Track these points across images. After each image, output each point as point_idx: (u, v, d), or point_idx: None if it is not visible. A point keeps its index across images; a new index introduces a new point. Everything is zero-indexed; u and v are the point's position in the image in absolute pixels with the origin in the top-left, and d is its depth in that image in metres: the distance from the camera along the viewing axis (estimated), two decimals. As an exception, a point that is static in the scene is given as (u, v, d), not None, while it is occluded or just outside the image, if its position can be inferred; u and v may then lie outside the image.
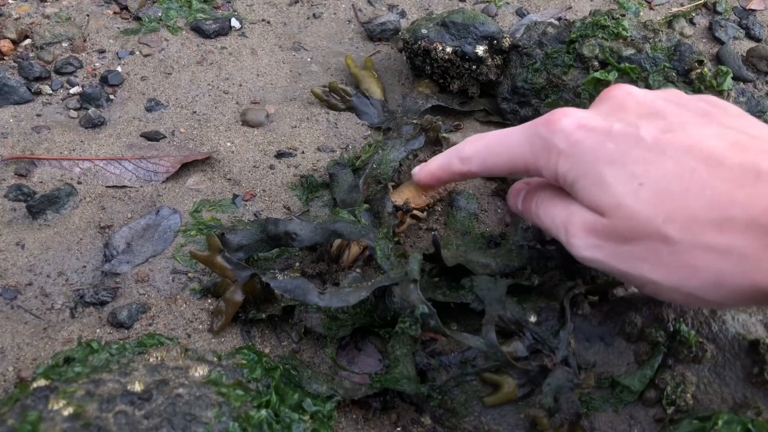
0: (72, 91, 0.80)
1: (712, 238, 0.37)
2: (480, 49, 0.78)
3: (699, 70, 0.69)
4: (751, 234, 0.36)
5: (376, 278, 0.56)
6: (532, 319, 0.54)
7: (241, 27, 0.92)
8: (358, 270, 0.60)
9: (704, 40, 0.96)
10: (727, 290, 0.38)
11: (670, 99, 0.45)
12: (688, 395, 0.50)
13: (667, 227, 0.38)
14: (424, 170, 0.57)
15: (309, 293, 0.53)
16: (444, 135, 0.77)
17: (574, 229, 0.44)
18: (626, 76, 0.71)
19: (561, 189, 0.47)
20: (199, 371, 0.49)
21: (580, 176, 0.42)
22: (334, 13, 0.97)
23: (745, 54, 0.93)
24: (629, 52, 0.71)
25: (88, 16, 0.89)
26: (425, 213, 0.68)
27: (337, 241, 0.61)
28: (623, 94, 0.45)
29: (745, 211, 0.36)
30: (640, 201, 0.39)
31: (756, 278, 0.36)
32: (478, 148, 0.50)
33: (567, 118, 0.43)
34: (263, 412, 0.48)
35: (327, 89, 0.82)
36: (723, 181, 0.37)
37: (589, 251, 0.44)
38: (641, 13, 0.98)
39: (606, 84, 0.70)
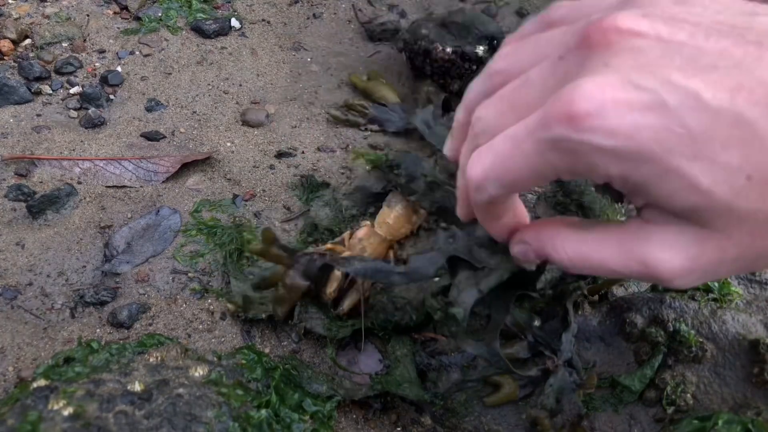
0: (72, 91, 0.80)
1: None
2: (480, 49, 0.78)
3: None
4: None
5: (459, 246, 0.50)
6: (536, 323, 0.54)
7: (241, 27, 0.92)
8: (444, 225, 0.55)
9: (704, 41, 0.96)
10: None
11: (680, 20, 0.32)
12: (688, 395, 0.50)
13: None
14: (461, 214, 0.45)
15: (391, 275, 0.49)
16: None
17: (666, 263, 0.34)
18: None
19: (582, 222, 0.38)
20: (199, 371, 0.49)
21: (653, 179, 0.31)
22: (334, 13, 0.97)
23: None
24: (629, 52, 0.71)
25: (88, 16, 0.89)
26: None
27: (334, 283, 0.58)
28: (631, 35, 0.32)
29: None
30: (753, 199, 0.30)
31: None
32: (489, 171, 0.36)
33: (595, 101, 0.30)
34: (263, 412, 0.48)
35: (345, 108, 0.80)
36: None
37: (695, 278, 0.34)
38: (641, 13, 0.98)
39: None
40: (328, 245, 0.61)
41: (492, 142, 0.36)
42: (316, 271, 0.56)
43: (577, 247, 0.38)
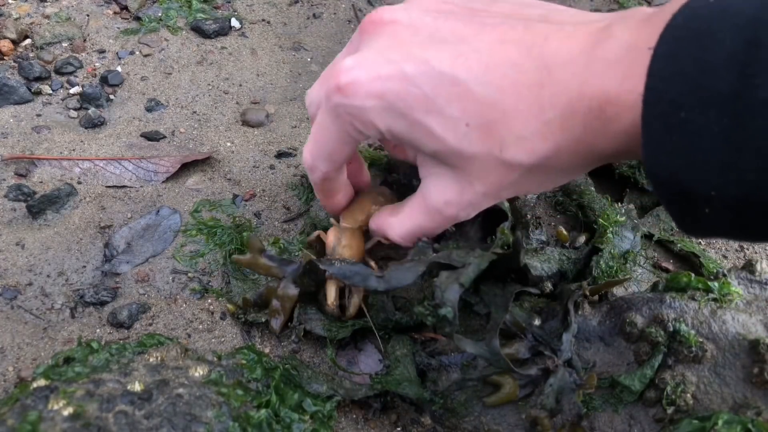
0: (72, 91, 0.80)
1: (543, 148, 0.38)
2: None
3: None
4: (567, 131, 0.37)
5: (436, 253, 0.52)
6: (536, 322, 0.54)
7: (241, 27, 0.92)
8: (425, 239, 0.57)
9: (704, 40, 0.96)
10: (567, 179, 0.43)
11: (432, 10, 0.41)
12: (688, 395, 0.50)
13: (504, 154, 0.39)
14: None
15: (369, 279, 0.51)
16: None
17: (445, 205, 0.44)
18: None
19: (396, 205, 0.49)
20: (199, 371, 0.49)
21: (407, 130, 0.40)
22: (334, 13, 0.97)
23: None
24: (629, 52, 0.71)
25: (88, 16, 0.89)
26: None
27: (332, 292, 0.56)
28: (390, 23, 0.41)
29: (555, 111, 0.36)
30: (474, 142, 0.39)
31: (583, 162, 0.39)
32: (313, 151, 0.47)
33: (353, 73, 0.39)
34: (263, 412, 0.48)
35: None
36: (527, 89, 0.37)
37: (469, 211, 0.45)
38: (641, 13, 0.98)
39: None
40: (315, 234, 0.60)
41: (312, 132, 0.46)
42: (302, 273, 0.56)
43: (400, 226, 0.49)
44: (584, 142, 0.37)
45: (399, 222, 0.49)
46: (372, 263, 0.57)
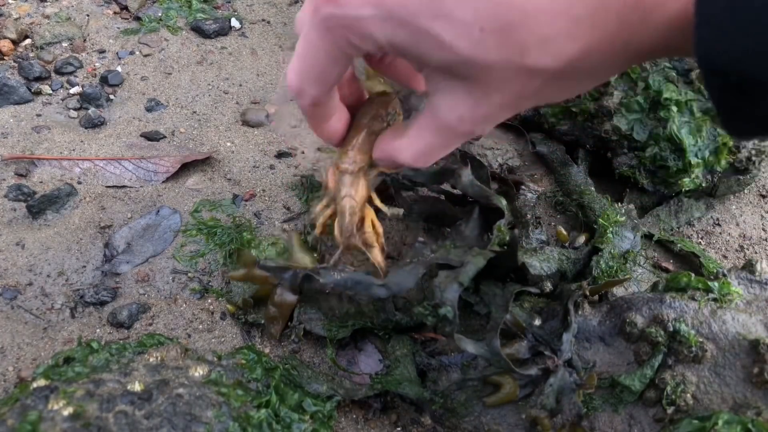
0: (72, 91, 0.80)
1: (571, 50, 0.34)
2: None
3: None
4: (599, 28, 0.33)
5: (435, 254, 0.52)
6: (536, 322, 0.54)
7: (241, 27, 0.92)
8: (421, 239, 0.56)
9: (704, 40, 0.96)
10: (594, 84, 0.38)
11: None
12: (688, 395, 0.50)
13: (526, 60, 0.35)
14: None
15: (371, 287, 0.50)
16: None
17: (459, 120, 0.39)
18: (626, 77, 0.71)
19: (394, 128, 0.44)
20: (199, 371, 0.49)
21: (410, 40, 0.35)
22: (334, 13, 0.97)
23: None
24: (629, 52, 0.71)
25: (88, 16, 0.89)
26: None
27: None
28: None
29: (585, 6, 0.33)
30: (491, 49, 0.34)
31: (616, 63, 0.35)
32: (300, 73, 0.41)
33: None
34: (263, 412, 0.48)
35: None
36: None
37: (486, 124, 0.40)
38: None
39: (606, 86, 0.70)
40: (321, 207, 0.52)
41: (294, 57, 0.40)
42: (300, 283, 0.56)
43: (410, 147, 0.44)
44: (619, 40, 0.33)
45: (408, 144, 0.44)
46: (378, 202, 0.50)
